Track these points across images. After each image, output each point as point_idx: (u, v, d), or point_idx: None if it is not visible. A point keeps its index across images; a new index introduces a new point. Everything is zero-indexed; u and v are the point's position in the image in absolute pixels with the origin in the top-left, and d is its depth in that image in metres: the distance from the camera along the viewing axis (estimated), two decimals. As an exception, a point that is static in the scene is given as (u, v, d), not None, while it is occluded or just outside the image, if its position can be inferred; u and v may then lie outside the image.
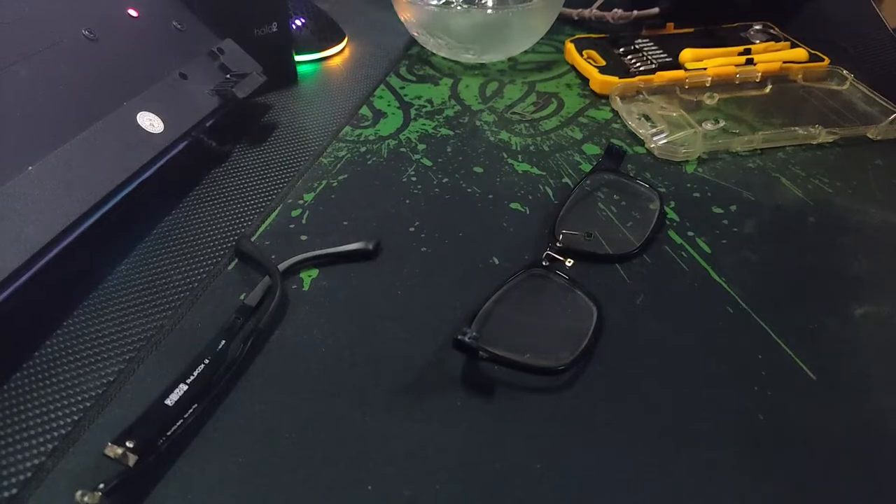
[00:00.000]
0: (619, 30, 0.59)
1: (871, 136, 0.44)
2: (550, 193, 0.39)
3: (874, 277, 0.33)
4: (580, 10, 0.62)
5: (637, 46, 0.54)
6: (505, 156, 0.43)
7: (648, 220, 0.36)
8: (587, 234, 0.35)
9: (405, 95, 0.51)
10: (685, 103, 0.47)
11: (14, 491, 0.24)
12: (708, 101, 0.47)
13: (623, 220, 0.37)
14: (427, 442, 0.26)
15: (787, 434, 0.26)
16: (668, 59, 0.52)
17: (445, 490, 0.24)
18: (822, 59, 0.51)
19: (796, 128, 0.43)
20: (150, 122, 0.37)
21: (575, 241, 0.35)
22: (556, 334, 0.30)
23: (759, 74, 0.49)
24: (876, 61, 0.54)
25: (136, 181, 0.35)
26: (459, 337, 0.27)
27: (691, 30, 0.57)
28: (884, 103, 0.46)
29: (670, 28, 0.58)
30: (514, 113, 0.48)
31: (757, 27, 0.57)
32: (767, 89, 0.49)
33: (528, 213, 0.38)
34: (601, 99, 0.50)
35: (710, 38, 0.55)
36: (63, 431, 0.26)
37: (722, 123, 0.44)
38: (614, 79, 0.49)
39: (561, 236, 0.35)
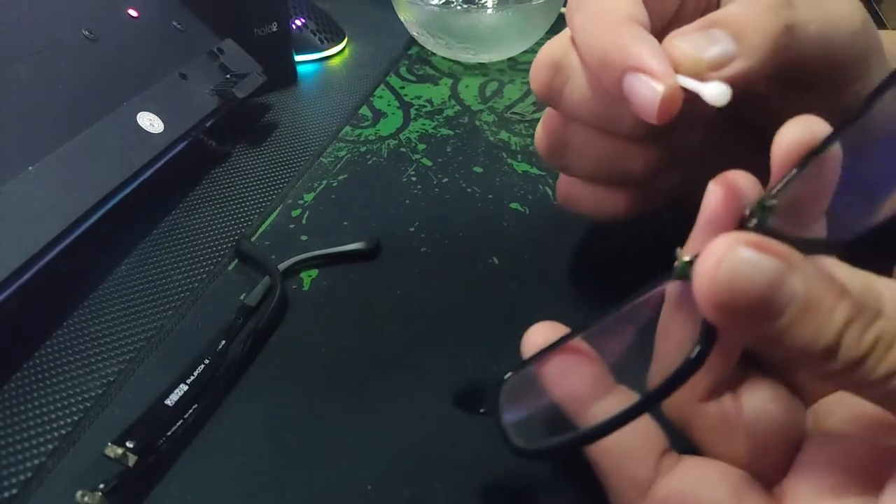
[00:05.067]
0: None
1: (871, 136, 0.44)
2: (550, 193, 0.39)
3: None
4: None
5: (637, 46, 0.54)
6: (504, 156, 0.43)
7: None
8: None
9: (405, 95, 0.51)
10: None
11: (14, 491, 0.24)
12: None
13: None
14: (427, 442, 0.26)
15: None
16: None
17: (446, 490, 0.24)
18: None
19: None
20: (150, 122, 0.37)
21: None
22: None
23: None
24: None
25: (136, 181, 0.35)
26: None
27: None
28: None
29: (670, 28, 0.57)
30: (513, 113, 0.48)
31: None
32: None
33: (528, 213, 0.38)
34: (601, 99, 0.50)
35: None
36: (63, 431, 0.26)
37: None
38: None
39: None
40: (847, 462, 0.17)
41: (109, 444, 0.24)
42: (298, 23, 0.56)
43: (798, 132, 0.17)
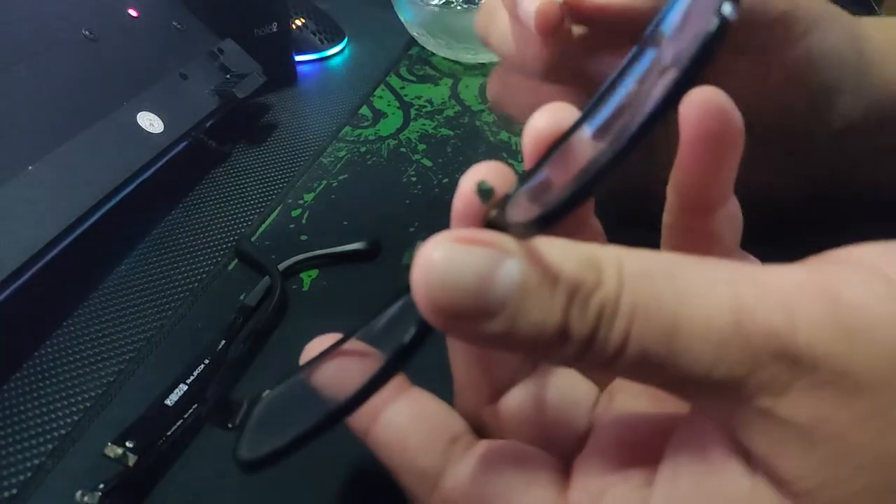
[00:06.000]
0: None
1: (871, 137, 0.44)
2: (550, 193, 0.39)
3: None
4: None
5: (637, 46, 0.54)
6: (505, 156, 0.43)
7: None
8: None
9: (405, 95, 0.51)
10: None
11: (14, 491, 0.24)
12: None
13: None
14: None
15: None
16: (667, 59, 0.51)
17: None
18: (822, 60, 0.50)
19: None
20: (150, 122, 0.37)
21: None
22: None
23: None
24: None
25: (136, 181, 0.35)
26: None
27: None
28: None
29: (670, 28, 0.57)
30: (514, 113, 0.48)
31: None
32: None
33: (528, 213, 0.38)
34: (601, 99, 0.50)
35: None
36: (63, 431, 0.26)
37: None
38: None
39: None
40: (629, 436, 0.18)
41: (109, 444, 0.24)
42: (298, 23, 0.56)
43: (544, 121, 0.18)
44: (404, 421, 0.19)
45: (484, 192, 0.15)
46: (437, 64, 0.55)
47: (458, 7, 0.58)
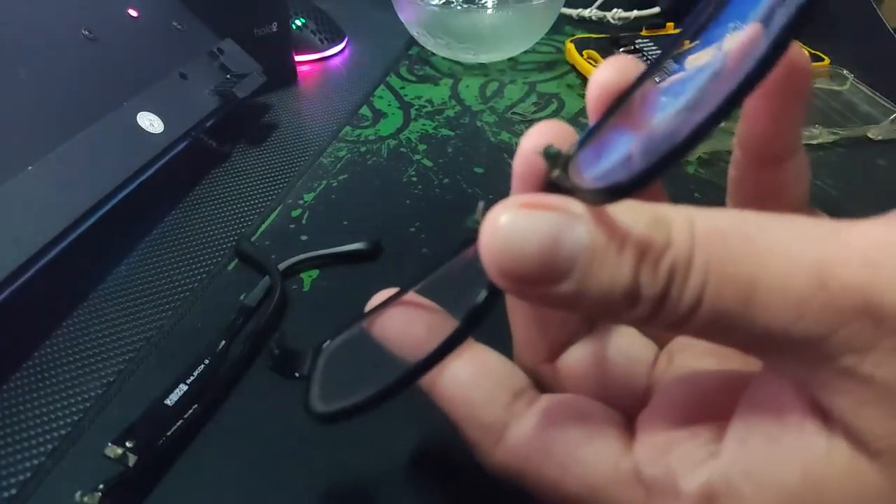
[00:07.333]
0: (619, 30, 0.59)
1: (871, 137, 0.44)
2: (551, 193, 0.39)
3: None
4: (580, 9, 0.62)
5: (637, 46, 0.54)
6: (506, 156, 0.43)
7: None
8: None
9: (405, 95, 0.51)
10: (685, 103, 0.47)
11: (14, 491, 0.24)
12: (708, 101, 0.47)
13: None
14: (428, 441, 0.26)
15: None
16: (668, 59, 0.51)
17: (449, 490, 0.24)
18: (822, 59, 0.51)
19: (797, 128, 0.43)
20: (150, 122, 0.37)
21: None
22: None
23: (760, 74, 0.49)
24: (876, 61, 0.54)
25: (136, 181, 0.35)
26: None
27: (691, 30, 0.57)
28: (884, 103, 0.45)
29: (670, 28, 0.58)
30: (514, 113, 0.48)
31: (757, 27, 0.57)
32: (768, 89, 0.49)
33: (528, 213, 0.38)
34: (601, 99, 0.50)
35: (709, 39, 0.55)
36: (63, 431, 0.26)
37: (722, 124, 0.44)
38: (614, 79, 0.49)
39: None
40: (695, 393, 0.17)
41: (109, 444, 0.24)
42: (298, 23, 0.56)
43: (607, 74, 0.17)
44: (468, 376, 0.19)
45: (551, 156, 0.15)
46: (437, 64, 0.55)
47: (458, 7, 0.58)
